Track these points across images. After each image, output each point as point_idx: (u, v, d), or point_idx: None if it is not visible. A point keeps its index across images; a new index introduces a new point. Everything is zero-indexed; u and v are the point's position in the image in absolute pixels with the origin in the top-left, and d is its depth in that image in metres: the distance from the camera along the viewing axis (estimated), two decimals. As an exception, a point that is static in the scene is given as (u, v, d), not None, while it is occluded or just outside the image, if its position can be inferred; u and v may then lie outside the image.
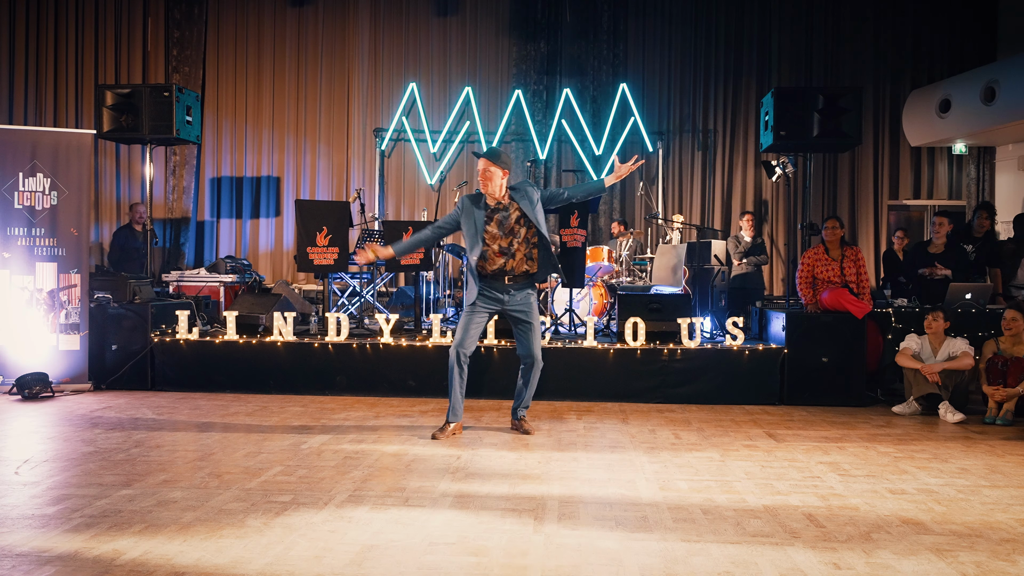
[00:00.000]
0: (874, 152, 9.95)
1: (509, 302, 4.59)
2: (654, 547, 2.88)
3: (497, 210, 4.51)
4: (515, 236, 4.52)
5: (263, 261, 10.32)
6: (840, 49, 9.92)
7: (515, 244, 4.52)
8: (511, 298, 4.58)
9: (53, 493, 3.46)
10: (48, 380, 5.92)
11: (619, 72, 10.02)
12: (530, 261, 4.60)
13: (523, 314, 4.61)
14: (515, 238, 4.52)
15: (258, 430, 4.81)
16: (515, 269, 4.53)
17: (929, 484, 3.78)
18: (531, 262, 4.60)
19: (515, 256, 4.52)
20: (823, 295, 6.04)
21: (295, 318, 6.24)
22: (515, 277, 4.54)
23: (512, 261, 4.52)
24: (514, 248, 4.52)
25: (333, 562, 2.70)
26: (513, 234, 4.52)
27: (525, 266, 4.57)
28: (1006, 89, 8.21)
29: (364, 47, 10.30)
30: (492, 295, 4.57)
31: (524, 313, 4.61)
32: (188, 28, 10.23)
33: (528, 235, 4.55)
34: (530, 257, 4.59)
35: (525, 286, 4.61)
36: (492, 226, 4.50)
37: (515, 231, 4.53)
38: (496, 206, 4.51)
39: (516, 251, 4.52)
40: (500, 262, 4.52)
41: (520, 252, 4.54)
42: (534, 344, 4.66)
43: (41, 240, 6.19)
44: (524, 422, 4.84)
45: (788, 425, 5.19)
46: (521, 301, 4.59)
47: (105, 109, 6.75)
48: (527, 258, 4.58)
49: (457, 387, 4.60)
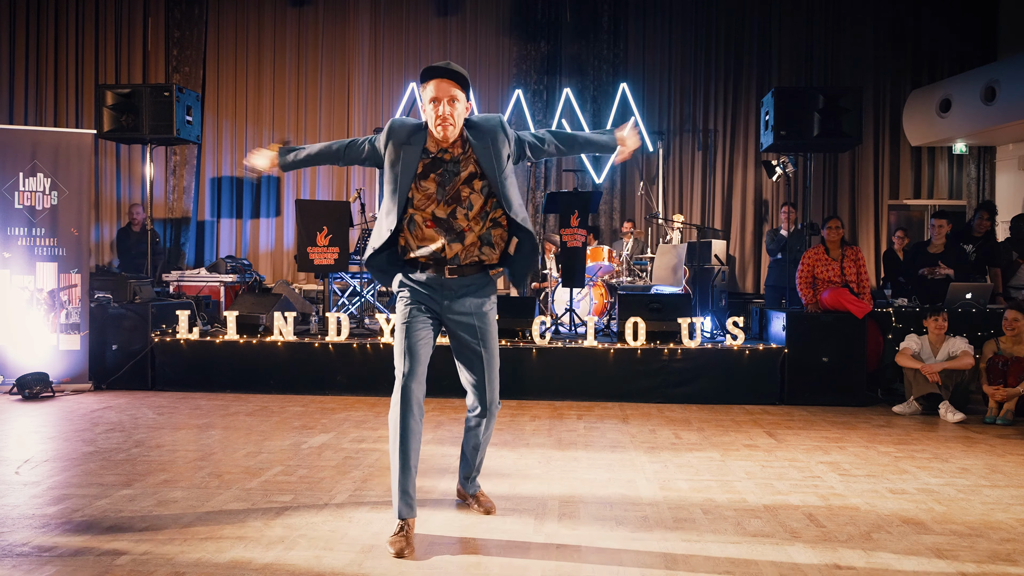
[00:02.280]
0: (874, 152, 9.95)
1: (448, 307, 2.93)
2: (654, 547, 2.88)
3: (441, 160, 2.86)
4: (460, 204, 2.86)
5: (263, 261, 10.32)
6: (840, 49, 9.92)
7: (460, 217, 2.87)
8: (452, 301, 2.93)
9: (53, 493, 3.46)
10: (48, 380, 5.92)
11: (619, 72, 10.02)
12: (487, 248, 2.93)
13: (470, 328, 2.95)
14: (460, 207, 2.86)
15: (258, 430, 4.81)
16: (461, 256, 2.89)
17: (929, 484, 3.78)
18: (489, 249, 2.94)
19: (463, 237, 2.88)
20: (823, 295, 6.04)
21: (295, 318, 6.24)
22: (461, 268, 2.90)
23: (457, 245, 2.88)
24: (459, 223, 2.87)
25: (333, 562, 2.70)
26: (458, 201, 2.86)
27: (478, 254, 2.92)
28: (1006, 89, 8.21)
29: (364, 47, 10.30)
30: (420, 292, 2.93)
31: (472, 327, 2.95)
32: (188, 28, 10.23)
33: (487, 207, 2.90)
34: (488, 242, 2.93)
35: (478, 285, 2.96)
36: (428, 181, 2.85)
37: (462, 197, 2.87)
38: (439, 153, 2.86)
39: (464, 229, 2.88)
40: (436, 242, 2.88)
41: (472, 232, 2.89)
42: (487, 380, 2.98)
43: (41, 240, 6.19)
44: (481, 497, 3.28)
45: (788, 425, 5.19)
46: (469, 307, 2.95)
47: (105, 109, 6.76)
48: (483, 242, 2.92)
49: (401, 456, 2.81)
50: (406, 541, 2.78)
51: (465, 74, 2.82)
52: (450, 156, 2.86)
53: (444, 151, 2.86)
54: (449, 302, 2.92)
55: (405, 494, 2.82)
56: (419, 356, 2.86)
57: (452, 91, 2.77)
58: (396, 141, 2.85)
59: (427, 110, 2.81)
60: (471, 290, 2.94)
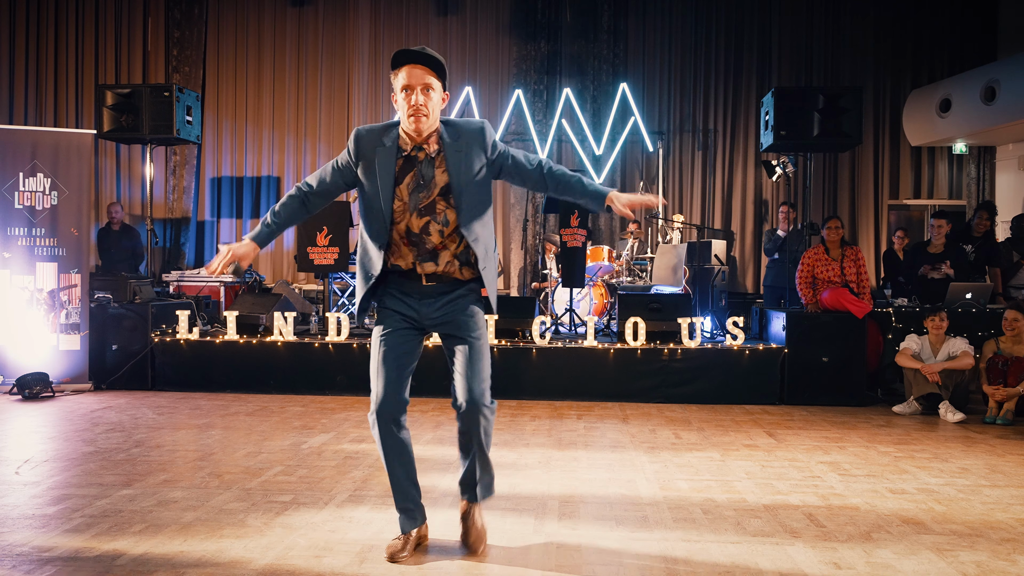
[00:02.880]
0: (874, 152, 9.94)
1: (427, 313, 2.69)
2: (654, 547, 2.88)
3: (415, 159, 2.60)
4: (435, 219, 2.61)
5: (263, 261, 10.32)
6: (840, 49, 9.92)
7: (435, 233, 2.62)
8: (430, 307, 2.69)
9: (53, 493, 3.46)
10: (48, 380, 5.92)
11: (619, 72, 10.01)
12: (466, 268, 2.69)
13: (452, 325, 2.69)
14: (435, 222, 2.61)
15: (258, 430, 4.81)
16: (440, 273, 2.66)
17: (929, 484, 3.78)
18: (468, 269, 2.69)
19: (436, 256, 2.64)
20: (823, 295, 6.05)
21: (295, 318, 6.25)
22: (438, 277, 2.67)
23: (430, 265, 2.64)
24: (431, 240, 2.62)
25: (333, 562, 2.70)
26: (432, 214, 2.60)
27: (457, 273, 2.68)
28: (1006, 89, 8.21)
29: (364, 47, 10.30)
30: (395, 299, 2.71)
31: (454, 322, 2.69)
32: (188, 28, 10.23)
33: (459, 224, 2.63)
34: (465, 260, 2.68)
35: (452, 288, 2.70)
36: (403, 186, 2.59)
37: (436, 210, 2.61)
38: (413, 151, 2.60)
39: (437, 247, 2.63)
40: (407, 259, 2.64)
41: (447, 250, 2.64)
42: (469, 370, 2.65)
43: (41, 240, 6.19)
44: (475, 512, 2.85)
45: (788, 425, 5.19)
46: (450, 307, 2.69)
47: (105, 109, 6.76)
48: (461, 262, 2.68)
49: (395, 472, 2.72)
50: (402, 545, 2.71)
51: (441, 60, 2.56)
52: (424, 155, 2.59)
53: (418, 148, 2.59)
54: (428, 309, 2.68)
55: (402, 511, 2.77)
56: (392, 375, 2.64)
57: (426, 79, 2.51)
58: (367, 146, 2.61)
59: (399, 100, 2.55)
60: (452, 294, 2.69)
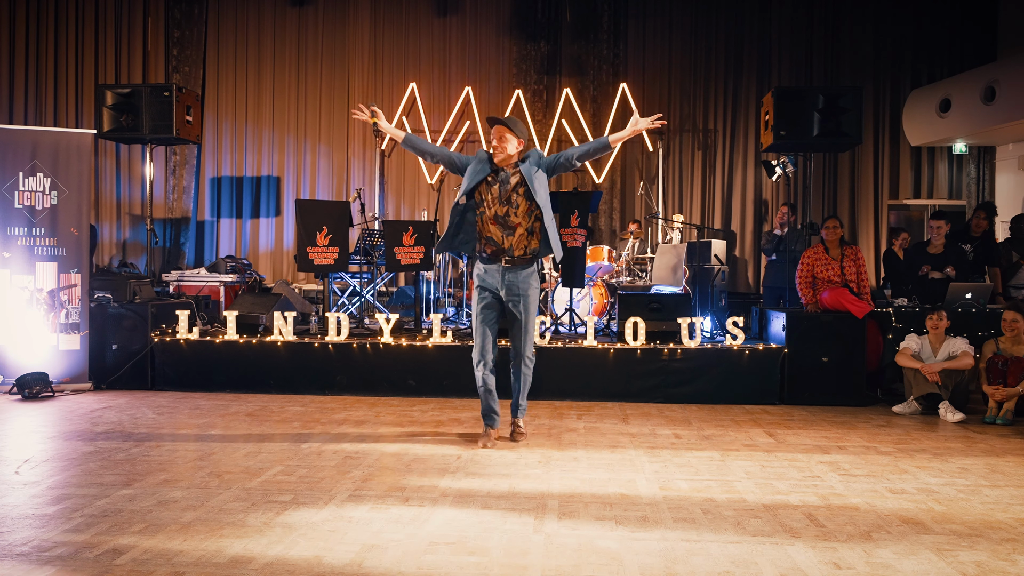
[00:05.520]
0: (874, 152, 9.94)
1: (505, 287, 4.31)
2: (654, 546, 2.88)
3: (498, 173, 4.27)
4: (511, 206, 4.23)
5: (263, 261, 10.32)
6: (840, 49, 9.92)
7: (511, 216, 4.23)
8: (508, 282, 4.29)
9: (53, 493, 3.46)
10: (48, 380, 5.92)
11: (619, 72, 10.01)
12: (530, 237, 4.29)
13: (515, 302, 4.31)
14: (511, 208, 4.23)
15: (258, 430, 4.81)
16: (515, 248, 4.25)
17: (929, 484, 3.78)
18: (531, 238, 4.30)
19: (514, 232, 4.24)
20: (823, 295, 6.04)
21: (295, 318, 6.25)
22: (513, 259, 4.26)
23: (511, 238, 4.24)
24: (511, 220, 4.24)
25: (333, 562, 2.70)
26: (510, 203, 4.23)
27: (525, 243, 4.28)
28: (1006, 89, 8.21)
29: (364, 47, 10.29)
30: (488, 279, 4.32)
31: (516, 301, 4.31)
32: (188, 28, 10.23)
33: (529, 208, 4.25)
34: (531, 232, 4.29)
35: (523, 267, 4.30)
36: (492, 189, 4.25)
37: (512, 200, 4.23)
38: (499, 169, 4.28)
39: (515, 225, 4.24)
40: (496, 235, 4.25)
41: (520, 228, 4.24)
42: (521, 335, 4.36)
43: (41, 240, 6.19)
44: (518, 427, 4.59)
45: (788, 425, 5.19)
46: (518, 287, 4.29)
47: (105, 109, 6.76)
48: (528, 234, 4.29)
49: (483, 396, 4.43)
50: (488, 438, 4.42)
51: (509, 121, 4.25)
52: (504, 174, 4.29)
53: (501, 170, 4.30)
54: (505, 282, 4.29)
55: (486, 417, 4.48)
56: (485, 332, 4.34)
57: (502, 132, 4.25)
58: (478, 160, 4.34)
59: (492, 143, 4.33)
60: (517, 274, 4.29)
